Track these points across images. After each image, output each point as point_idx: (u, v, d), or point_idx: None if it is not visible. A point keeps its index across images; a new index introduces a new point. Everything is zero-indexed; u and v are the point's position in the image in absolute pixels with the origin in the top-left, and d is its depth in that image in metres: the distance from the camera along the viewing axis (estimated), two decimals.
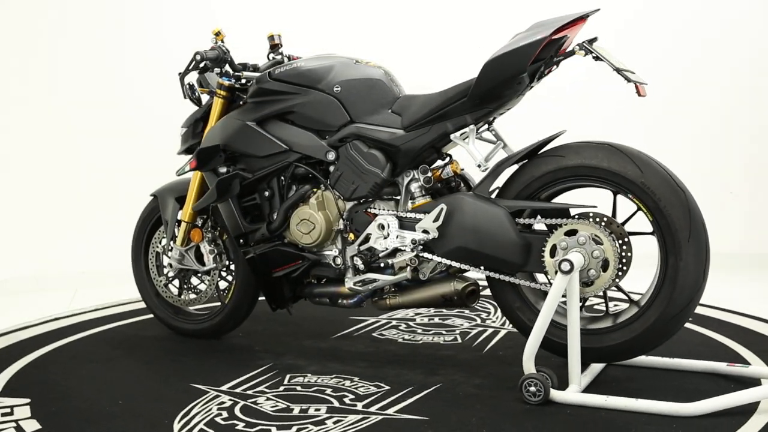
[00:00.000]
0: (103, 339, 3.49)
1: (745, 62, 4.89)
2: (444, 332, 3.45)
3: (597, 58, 2.61)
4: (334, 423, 2.44)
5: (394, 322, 3.62)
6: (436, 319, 3.67)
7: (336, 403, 2.60)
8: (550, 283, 2.63)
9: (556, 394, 2.54)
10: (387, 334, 3.45)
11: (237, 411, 2.56)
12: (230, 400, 2.66)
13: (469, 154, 2.76)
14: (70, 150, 4.78)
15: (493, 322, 3.59)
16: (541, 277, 2.81)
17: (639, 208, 2.61)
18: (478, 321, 3.61)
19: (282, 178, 3.05)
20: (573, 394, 2.54)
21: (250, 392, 2.73)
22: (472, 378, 2.82)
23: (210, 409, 2.58)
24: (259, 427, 2.42)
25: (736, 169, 4.95)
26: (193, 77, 3.24)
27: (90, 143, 4.79)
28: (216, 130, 3.12)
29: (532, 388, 2.54)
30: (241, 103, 3.18)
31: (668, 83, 4.81)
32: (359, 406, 2.58)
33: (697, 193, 2.63)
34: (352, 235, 2.95)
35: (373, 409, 2.55)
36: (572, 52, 2.66)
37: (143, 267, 3.52)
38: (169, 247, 3.35)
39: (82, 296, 4.41)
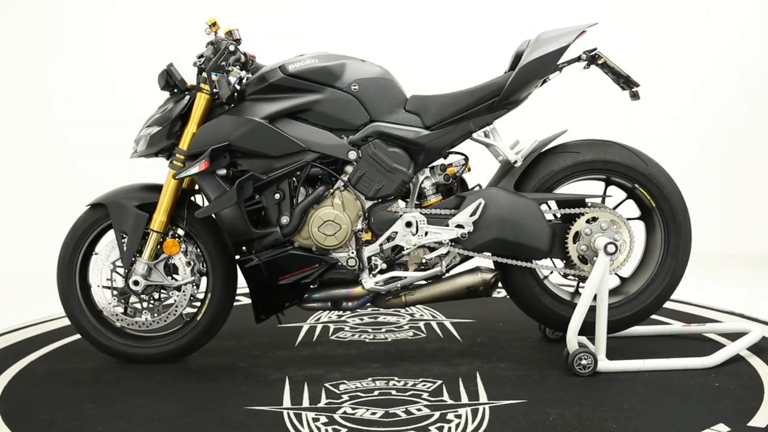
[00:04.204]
0: None
1: (745, 67, 5.11)
2: (395, 329, 3.51)
3: (602, 65, 2.95)
4: (456, 417, 2.45)
5: (332, 326, 3.57)
6: (366, 319, 3.69)
7: (424, 402, 2.59)
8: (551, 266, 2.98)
9: (599, 365, 2.84)
10: (344, 336, 3.40)
11: (345, 422, 2.41)
12: (318, 414, 2.49)
13: (501, 151, 2.93)
14: (71, 150, 4.90)
15: (423, 315, 3.73)
16: (544, 261, 3.07)
17: (631, 195, 3.03)
18: (408, 317, 3.72)
19: (294, 179, 2.88)
20: (611, 362, 2.86)
21: (320, 405, 2.57)
22: (494, 363, 2.97)
23: (314, 428, 2.39)
24: None
25: (735, 168, 5.06)
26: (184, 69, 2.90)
27: (90, 143, 4.88)
28: (216, 128, 2.82)
29: (584, 361, 2.80)
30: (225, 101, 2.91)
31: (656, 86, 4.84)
32: (448, 400, 2.60)
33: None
34: (368, 235, 2.92)
35: (463, 401, 2.59)
36: (578, 59, 2.97)
37: (78, 288, 3.00)
38: (131, 262, 2.92)
39: None
